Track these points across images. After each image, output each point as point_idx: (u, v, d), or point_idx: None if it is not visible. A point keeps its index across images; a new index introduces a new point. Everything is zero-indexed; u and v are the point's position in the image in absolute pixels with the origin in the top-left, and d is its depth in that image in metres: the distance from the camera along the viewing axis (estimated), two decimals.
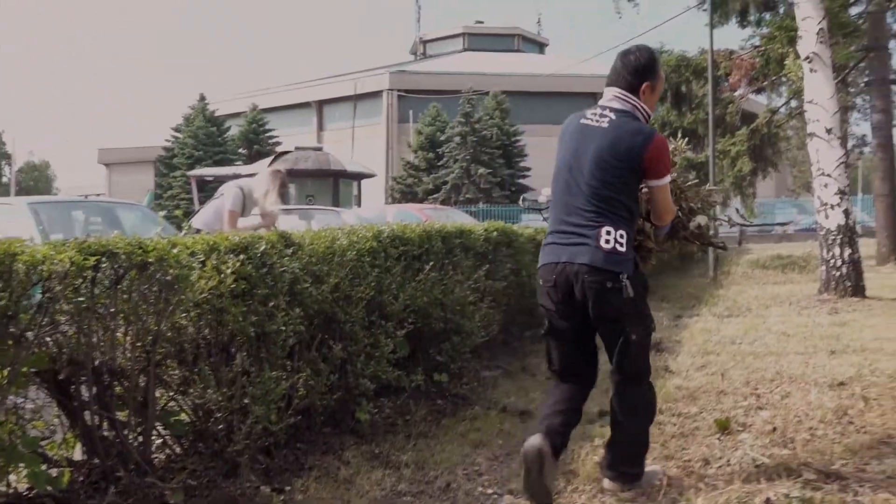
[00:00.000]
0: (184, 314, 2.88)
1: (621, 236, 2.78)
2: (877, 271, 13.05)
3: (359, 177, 23.71)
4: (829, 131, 9.32)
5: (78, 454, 2.78)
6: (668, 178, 2.94)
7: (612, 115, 2.89)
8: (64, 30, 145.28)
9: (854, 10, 15.47)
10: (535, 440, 2.74)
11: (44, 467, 2.57)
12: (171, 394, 3.04)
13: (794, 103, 15.37)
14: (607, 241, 2.76)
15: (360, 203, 23.70)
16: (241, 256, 3.07)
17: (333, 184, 21.78)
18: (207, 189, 20.66)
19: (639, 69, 2.95)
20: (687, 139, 14.87)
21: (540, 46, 55.60)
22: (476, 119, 32.34)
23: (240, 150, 35.01)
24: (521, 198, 25.84)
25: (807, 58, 9.50)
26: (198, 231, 5.67)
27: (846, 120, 23.17)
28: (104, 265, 2.58)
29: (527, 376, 5.24)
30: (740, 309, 8.66)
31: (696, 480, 3.04)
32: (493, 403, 4.40)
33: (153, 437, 2.94)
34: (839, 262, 9.14)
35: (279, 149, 30.28)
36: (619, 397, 2.97)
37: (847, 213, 9.25)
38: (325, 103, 43.94)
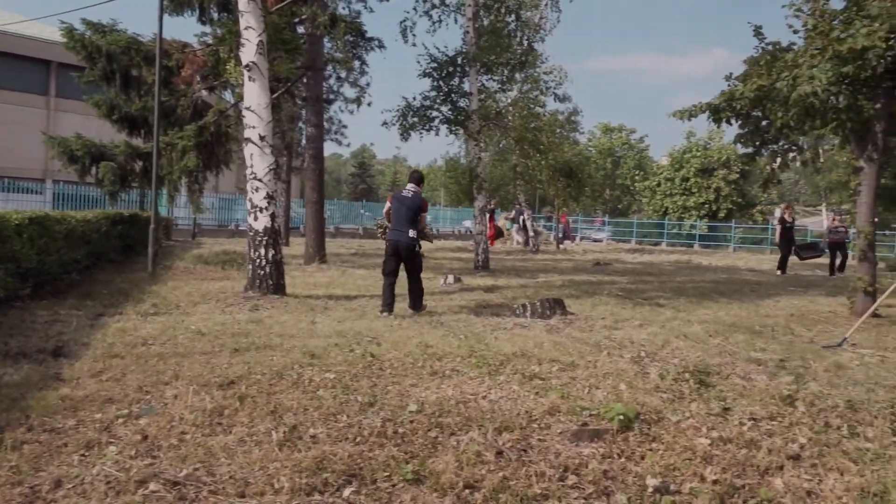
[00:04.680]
0: None
1: (416, 234, 8.74)
2: (303, 270, 14.48)
3: None
4: (262, 138, 9.90)
5: None
6: (427, 213, 9.10)
7: (412, 193, 8.87)
8: None
9: (301, 30, 16.98)
10: (386, 314, 8.54)
11: None
12: None
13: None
14: (411, 234, 8.70)
15: None
16: None
17: None
18: None
19: (419, 179, 9.18)
20: (132, 127, 14.17)
21: None
22: None
23: None
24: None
25: (247, 66, 9.96)
26: None
27: (294, 129, 25.28)
28: None
29: None
30: (168, 307, 8.59)
31: None
32: None
33: None
34: (264, 262, 9.79)
35: None
36: (415, 283, 8.89)
37: (273, 216, 9.97)
38: None
